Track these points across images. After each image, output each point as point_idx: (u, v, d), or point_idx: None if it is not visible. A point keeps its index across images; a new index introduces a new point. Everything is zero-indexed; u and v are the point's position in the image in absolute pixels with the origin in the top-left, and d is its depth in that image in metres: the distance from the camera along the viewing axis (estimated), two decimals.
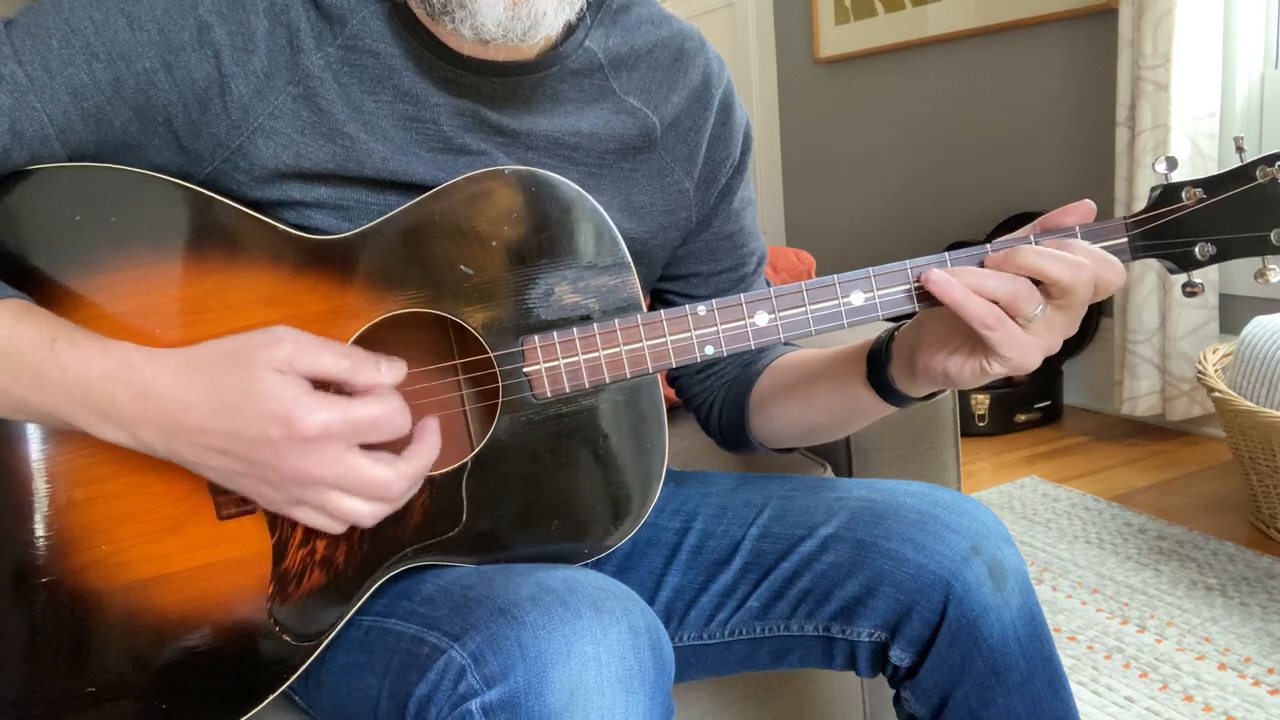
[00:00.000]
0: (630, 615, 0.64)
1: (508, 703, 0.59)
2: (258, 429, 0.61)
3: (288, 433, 0.60)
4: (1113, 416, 2.57)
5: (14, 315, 0.63)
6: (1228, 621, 1.56)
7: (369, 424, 0.63)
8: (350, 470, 0.62)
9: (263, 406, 0.60)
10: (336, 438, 0.62)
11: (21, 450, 0.68)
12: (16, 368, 0.62)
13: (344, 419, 0.61)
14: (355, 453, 0.63)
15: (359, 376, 0.64)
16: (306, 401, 0.61)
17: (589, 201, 0.74)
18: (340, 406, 0.62)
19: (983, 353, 0.71)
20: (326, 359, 0.63)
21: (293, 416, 0.60)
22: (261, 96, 0.70)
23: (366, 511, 0.65)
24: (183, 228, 0.70)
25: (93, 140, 0.69)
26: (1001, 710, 0.76)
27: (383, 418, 0.63)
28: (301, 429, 0.60)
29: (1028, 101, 2.67)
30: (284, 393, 0.61)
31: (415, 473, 0.66)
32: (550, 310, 0.74)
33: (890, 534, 0.78)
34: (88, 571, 0.68)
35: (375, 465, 0.63)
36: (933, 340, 0.75)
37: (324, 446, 0.61)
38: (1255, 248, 0.72)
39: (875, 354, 0.81)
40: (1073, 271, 0.68)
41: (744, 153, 0.91)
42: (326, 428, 0.61)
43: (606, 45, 0.80)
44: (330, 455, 0.62)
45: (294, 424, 0.60)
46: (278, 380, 0.61)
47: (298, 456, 0.61)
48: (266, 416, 0.60)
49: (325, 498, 0.63)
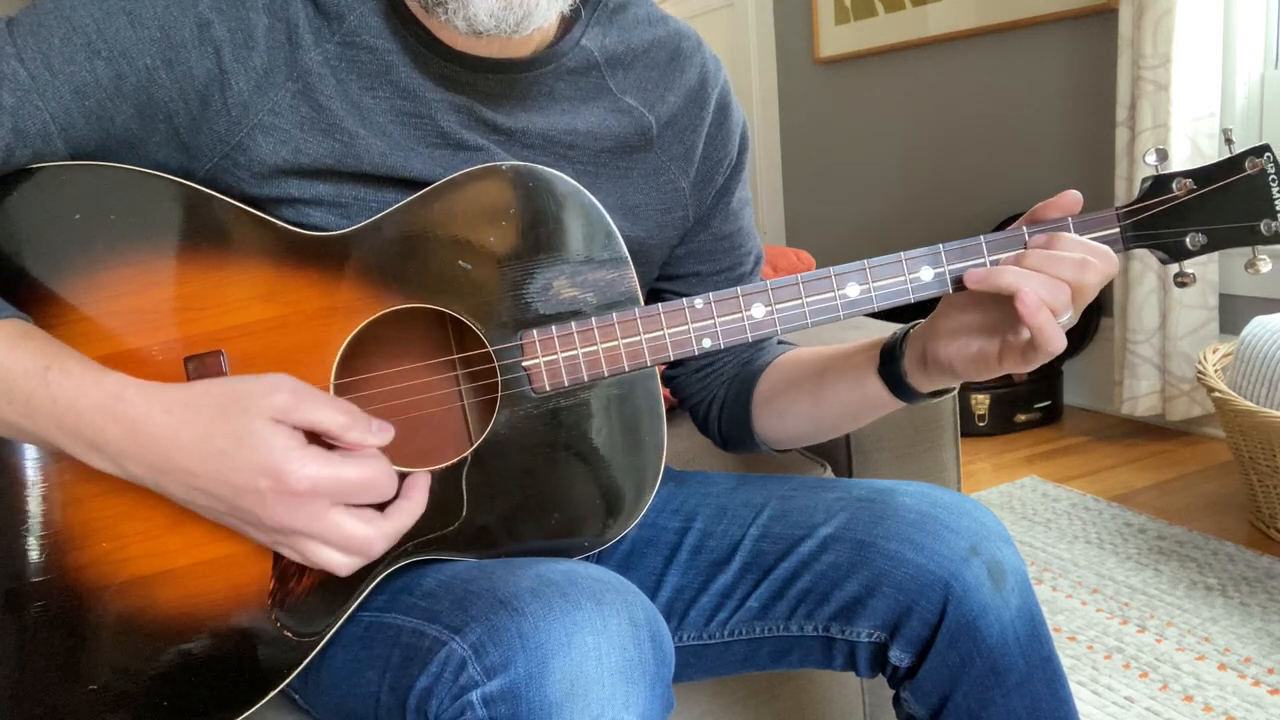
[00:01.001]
0: (630, 607, 0.65)
1: (508, 693, 0.60)
2: (246, 478, 0.61)
3: (276, 486, 0.61)
4: (1113, 416, 2.57)
5: (8, 340, 0.63)
6: (1228, 621, 1.56)
7: (358, 487, 0.64)
8: (334, 528, 0.63)
9: (254, 456, 0.61)
10: (322, 495, 0.62)
11: (23, 448, 0.68)
12: (9, 394, 0.62)
13: (332, 478, 0.62)
14: (340, 510, 0.64)
15: (350, 434, 0.64)
16: (298, 456, 0.62)
17: (586, 196, 0.75)
18: (330, 465, 0.62)
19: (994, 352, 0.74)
20: (321, 413, 0.63)
21: (283, 471, 0.61)
22: (261, 92, 0.70)
23: (344, 563, 0.65)
24: (182, 225, 0.70)
25: (95, 138, 0.69)
26: (1001, 710, 0.76)
27: (371, 482, 0.64)
28: (290, 483, 0.61)
29: (1028, 101, 2.67)
30: (276, 444, 0.61)
31: (396, 531, 0.67)
32: (548, 305, 0.74)
33: (890, 534, 0.78)
34: (89, 568, 0.68)
35: (358, 524, 0.64)
36: (946, 334, 0.77)
37: (309, 502, 0.62)
38: (1245, 237, 0.73)
39: (890, 348, 0.82)
40: (1079, 272, 0.70)
41: (741, 152, 0.91)
42: (314, 485, 0.62)
43: (603, 44, 0.80)
44: (315, 510, 0.63)
45: (283, 478, 0.61)
46: (271, 431, 0.62)
47: (283, 510, 0.62)
48: (256, 467, 0.61)
49: (305, 547, 0.64)
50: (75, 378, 0.63)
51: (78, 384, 0.62)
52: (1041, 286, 0.70)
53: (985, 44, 2.77)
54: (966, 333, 0.76)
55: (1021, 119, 2.70)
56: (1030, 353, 0.72)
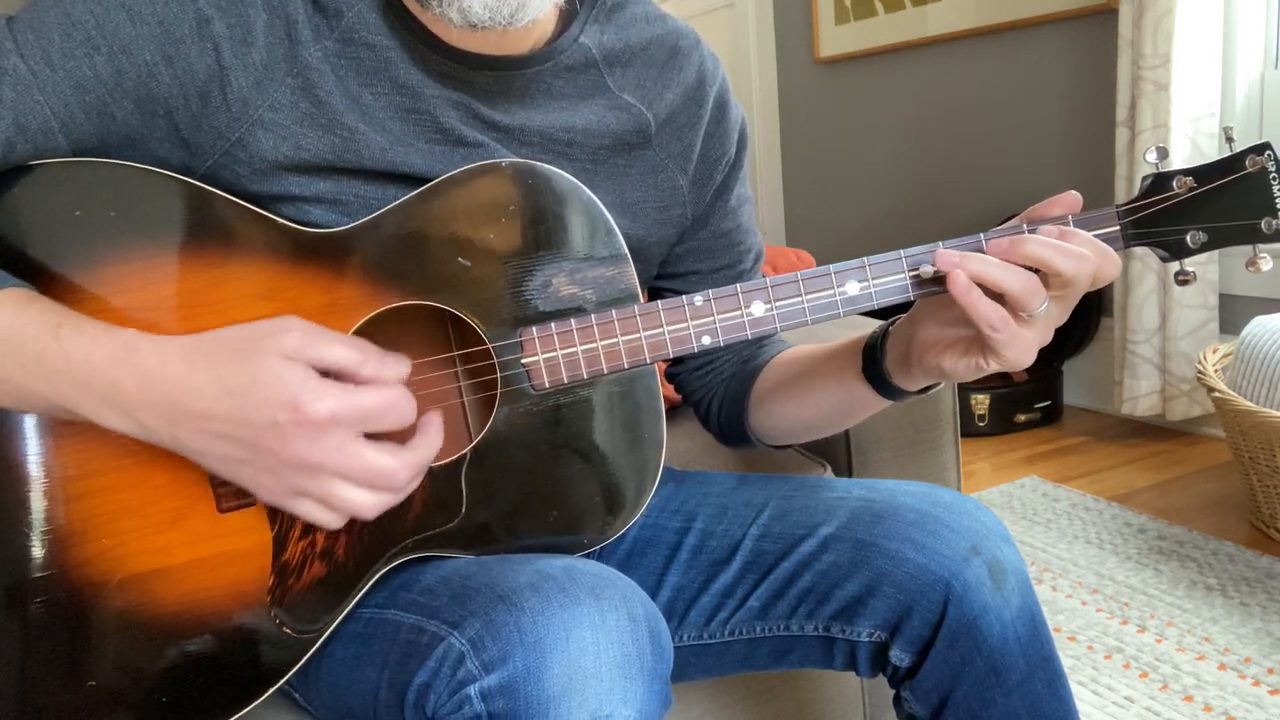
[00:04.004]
0: (629, 603, 0.64)
1: (506, 688, 0.60)
2: (265, 414, 0.60)
3: (295, 418, 0.60)
4: (1113, 416, 2.57)
5: (16, 303, 0.63)
6: (1228, 621, 1.56)
7: (376, 411, 0.62)
8: (355, 458, 0.62)
9: (270, 392, 0.60)
10: (343, 424, 0.61)
11: (22, 445, 0.68)
12: (19, 354, 0.62)
13: (352, 406, 0.61)
14: (361, 441, 0.62)
15: (365, 368, 0.63)
16: (314, 387, 0.61)
17: (585, 193, 0.75)
18: (348, 394, 0.61)
19: (980, 350, 0.72)
20: (335, 349, 0.63)
21: (300, 402, 0.60)
22: (261, 88, 0.70)
23: (370, 502, 0.64)
24: (182, 222, 0.70)
25: (95, 133, 0.69)
26: (1001, 710, 0.76)
27: (390, 406, 0.63)
28: (309, 414, 0.60)
29: (1028, 101, 2.67)
30: (292, 378, 0.60)
31: (420, 462, 0.65)
32: (548, 302, 0.74)
33: (890, 534, 0.78)
34: (88, 565, 0.68)
35: (380, 454, 0.63)
36: (928, 337, 0.75)
37: (330, 433, 0.61)
38: (1245, 235, 0.73)
39: (870, 349, 0.81)
40: (1077, 263, 0.68)
41: (739, 150, 0.91)
42: (334, 413, 0.60)
43: (601, 41, 0.80)
44: (336, 442, 0.61)
45: (301, 409, 0.60)
46: (285, 366, 0.61)
47: (304, 443, 0.61)
48: (274, 401, 0.60)
49: (328, 487, 0.62)
50: (88, 333, 0.62)
51: (90, 339, 0.62)
52: (980, 265, 0.68)
53: (985, 44, 2.77)
54: (948, 337, 0.74)
55: (1021, 119, 2.70)
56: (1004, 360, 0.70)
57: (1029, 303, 0.68)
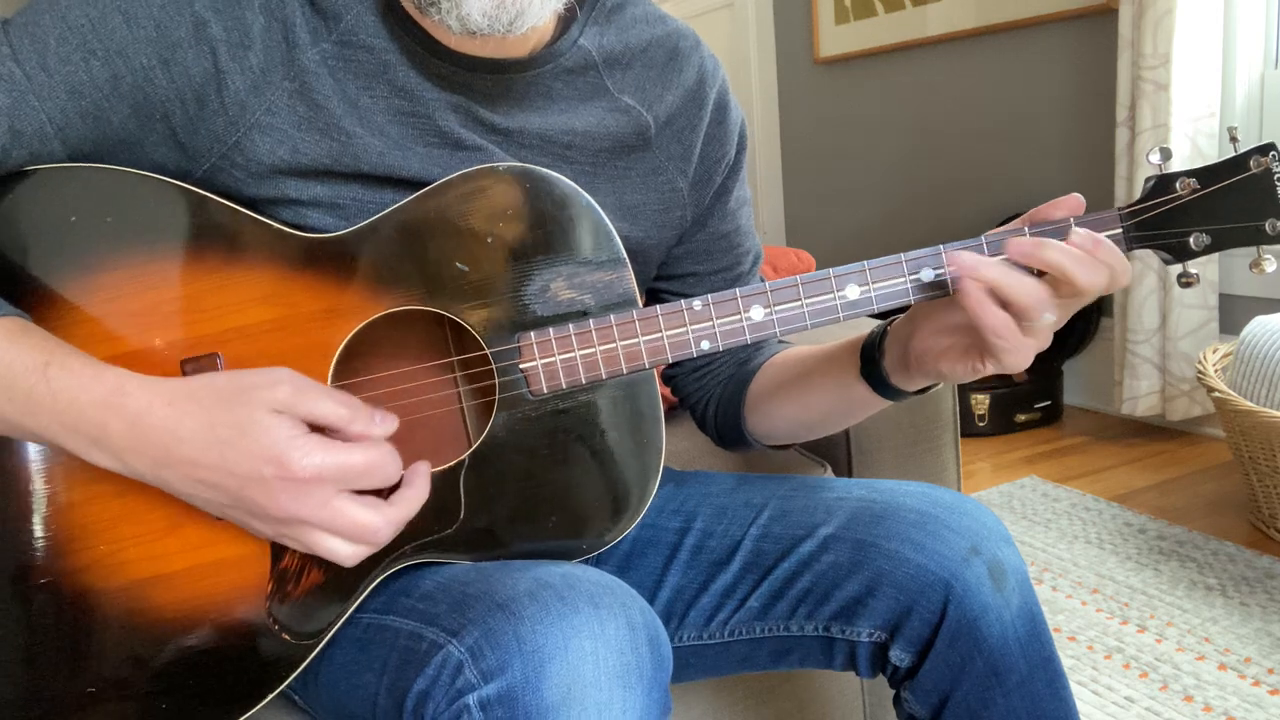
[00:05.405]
0: (628, 611, 0.64)
1: (505, 697, 0.59)
2: (250, 466, 0.61)
3: (280, 473, 0.61)
4: (1113, 416, 2.57)
5: (8, 336, 0.63)
6: (1228, 621, 1.56)
7: (362, 470, 0.63)
8: (338, 515, 0.63)
9: (257, 445, 0.61)
10: (329, 481, 0.62)
11: (21, 451, 0.68)
12: (9, 390, 0.62)
13: (337, 463, 0.62)
14: (344, 497, 0.63)
15: (353, 425, 0.64)
16: (302, 443, 0.61)
17: (584, 198, 0.74)
18: (334, 451, 0.62)
19: (979, 354, 0.72)
20: (324, 405, 0.63)
21: (287, 458, 0.61)
22: (258, 92, 0.70)
23: (350, 553, 0.65)
24: (179, 227, 0.70)
25: (91, 138, 0.69)
26: (1001, 710, 0.75)
27: (375, 465, 0.64)
28: (294, 470, 0.61)
29: (1028, 101, 2.67)
30: (279, 433, 0.61)
31: (402, 518, 0.66)
32: (546, 306, 0.74)
33: (890, 534, 0.78)
34: (86, 571, 0.68)
35: (363, 510, 0.64)
36: (926, 339, 0.75)
37: (315, 489, 0.62)
38: (1250, 237, 0.72)
39: (868, 349, 0.81)
40: (1094, 276, 0.68)
41: (739, 152, 0.91)
42: (319, 471, 0.61)
43: (601, 43, 0.80)
44: (320, 498, 0.62)
45: (287, 465, 0.61)
46: (274, 420, 0.61)
47: (288, 498, 0.62)
48: (260, 455, 0.61)
49: (311, 538, 0.64)
50: (76, 373, 0.62)
51: (78, 379, 0.62)
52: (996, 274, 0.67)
53: (985, 44, 2.77)
54: (947, 340, 0.74)
55: (1021, 119, 2.70)
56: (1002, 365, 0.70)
57: (1038, 312, 0.68)
